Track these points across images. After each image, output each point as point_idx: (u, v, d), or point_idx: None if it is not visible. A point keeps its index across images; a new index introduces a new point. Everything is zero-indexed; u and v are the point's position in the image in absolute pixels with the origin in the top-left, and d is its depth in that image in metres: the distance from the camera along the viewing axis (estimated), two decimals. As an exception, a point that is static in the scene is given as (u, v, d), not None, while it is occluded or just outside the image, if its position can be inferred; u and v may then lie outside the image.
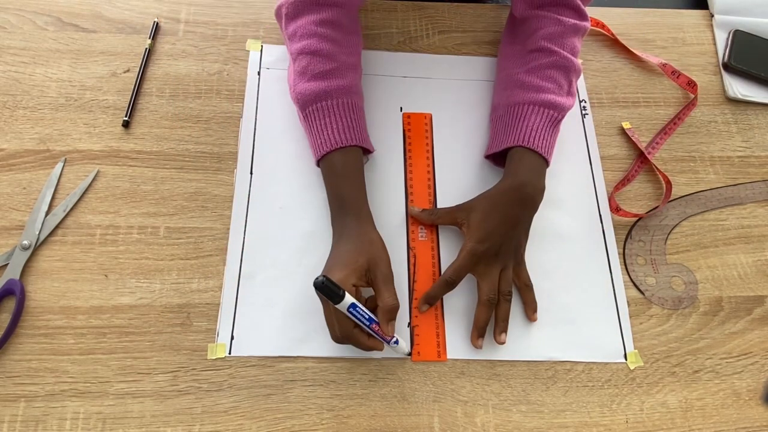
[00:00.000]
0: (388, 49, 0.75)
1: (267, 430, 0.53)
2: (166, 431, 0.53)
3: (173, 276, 0.59)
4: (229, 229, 0.62)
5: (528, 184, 0.61)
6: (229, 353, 0.56)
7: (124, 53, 0.70)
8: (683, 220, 0.68)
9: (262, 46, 0.73)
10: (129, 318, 0.57)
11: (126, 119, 0.66)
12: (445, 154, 0.68)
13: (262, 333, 0.57)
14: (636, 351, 0.60)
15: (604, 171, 0.70)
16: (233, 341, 0.57)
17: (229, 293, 0.59)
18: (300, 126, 0.67)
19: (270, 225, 0.62)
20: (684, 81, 0.75)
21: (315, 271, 0.60)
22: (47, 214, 0.61)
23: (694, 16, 0.83)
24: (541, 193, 0.62)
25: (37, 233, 0.59)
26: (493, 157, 0.66)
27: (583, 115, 0.73)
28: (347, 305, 0.51)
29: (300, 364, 0.56)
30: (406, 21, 0.77)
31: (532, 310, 0.60)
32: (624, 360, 0.59)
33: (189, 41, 0.72)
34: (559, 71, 0.65)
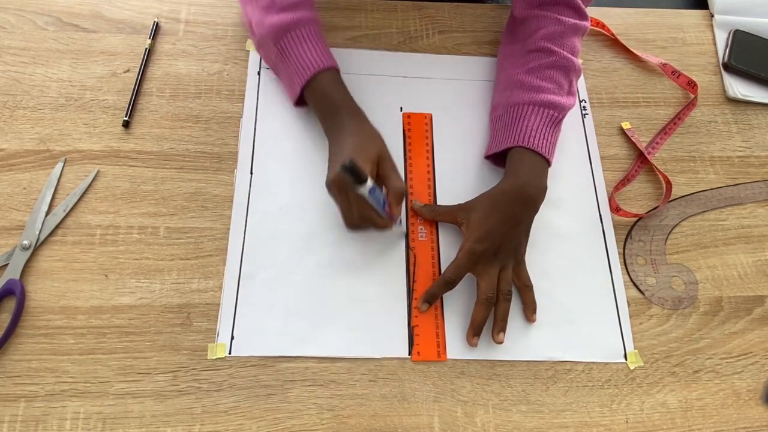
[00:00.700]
0: (388, 49, 0.75)
1: (267, 430, 0.53)
2: (166, 431, 0.53)
3: (173, 276, 0.59)
4: (229, 229, 0.62)
5: (528, 184, 0.61)
6: (229, 353, 0.56)
7: (124, 53, 0.70)
8: (683, 220, 0.68)
9: (262, 46, 0.73)
10: (129, 318, 0.57)
11: (126, 119, 0.66)
12: (445, 154, 0.68)
13: (262, 333, 0.57)
14: (636, 351, 0.60)
15: (604, 171, 0.70)
16: (233, 341, 0.57)
17: (229, 293, 0.59)
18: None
19: (270, 225, 0.62)
20: (684, 81, 0.75)
21: (315, 271, 0.60)
22: (47, 214, 0.61)
23: (694, 16, 0.83)
24: (543, 193, 0.62)
25: (37, 233, 0.59)
26: (493, 158, 0.66)
27: (583, 115, 0.73)
28: (369, 188, 0.55)
29: (300, 364, 0.56)
30: (406, 21, 0.77)
31: (531, 311, 0.60)
32: (624, 360, 0.59)
33: (189, 41, 0.72)
34: (559, 71, 0.65)
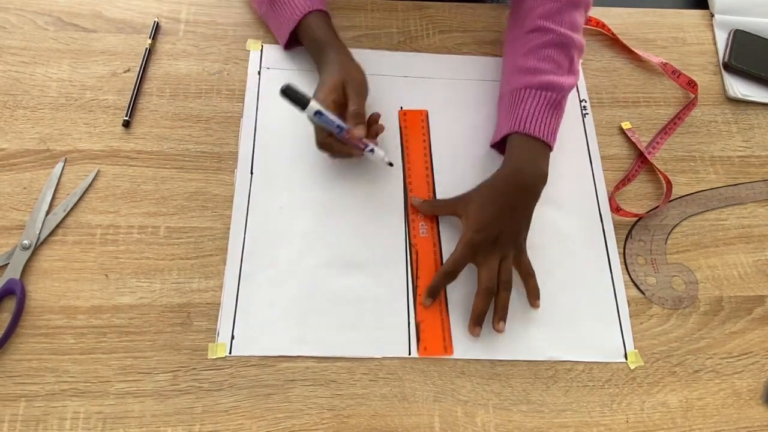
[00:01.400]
0: (388, 49, 0.75)
1: (267, 430, 0.53)
2: (166, 431, 0.53)
3: (173, 276, 0.59)
4: (229, 229, 0.62)
5: (525, 170, 0.60)
6: (230, 353, 0.56)
7: (124, 53, 0.70)
8: (683, 219, 0.68)
9: (262, 46, 0.73)
10: (129, 318, 0.57)
11: (126, 119, 0.66)
12: (445, 150, 0.68)
13: (262, 333, 0.57)
14: (636, 351, 0.60)
15: (604, 171, 0.70)
16: (233, 341, 0.57)
17: (230, 293, 0.59)
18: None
19: (270, 225, 0.62)
20: (684, 81, 0.75)
21: (315, 271, 0.60)
22: (47, 213, 0.61)
23: (694, 16, 0.83)
24: (542, 180, 0.61)
25: (38, 233, 0.59)
26: (498, 147, 0.66)
27: (583, 115, 0.73)
28: (312, 111, 0.57)
29: (300, 364, 0.56)
30: (406, 21, 0.77)
31: (534, 297, 0.60)
32: (624, 360, 0.59)
33: (189, 41, 0.72)
34: (557, 49, 0.64)
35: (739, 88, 0.76)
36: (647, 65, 0.78)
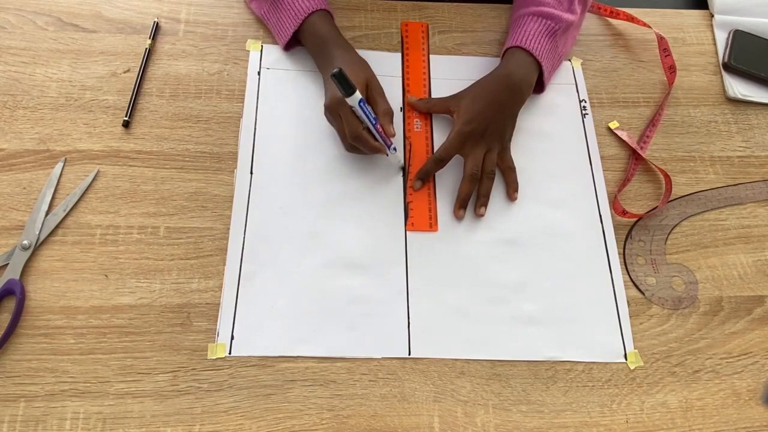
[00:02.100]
0: (388, 49, 0.75)
1: (267, 430, 0.53)
2: (166, 431, 0.53)
3: (173, 276, 0.59)
4: (229, 229, 0.62)
5: (515, 73, 0.67)
6: (229, 353, 0.56)
7: (124, 53, 0.70)
8: (683, 220, 0.68)
9: (262, 46, 0.73)
10: (129, 318, 0.57)
11: (126, 119, 0.66)
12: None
13: (262, 333, 0.57)
14: (636, 351, 0.60)
15: (604, 171, 0.70)
16: (233, 341, 0.57)
17: (229, 293, 0.59)
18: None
19: (270, 225, 0.62)
20: (668, 63, 0.76)
21: (315, 271, 0.60)
22: (47, 214, 0.61)
23: (694, 16, 0.83)
24: (528, 88, 0.68)
25: (37, 233, 0.59)
26: None
27: (583, 115, 0.73)
28: (358, 99, 0.58)
29: (300, 364, 0.56)
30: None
31: (513, 189, 0.66)
32: (624, 360, 0.59)
33: (189, 41, 0.72)
34: None
35: (739, 88, 0.76)
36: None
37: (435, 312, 0.60)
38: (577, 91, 0.75)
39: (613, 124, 0.73)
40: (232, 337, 0.57)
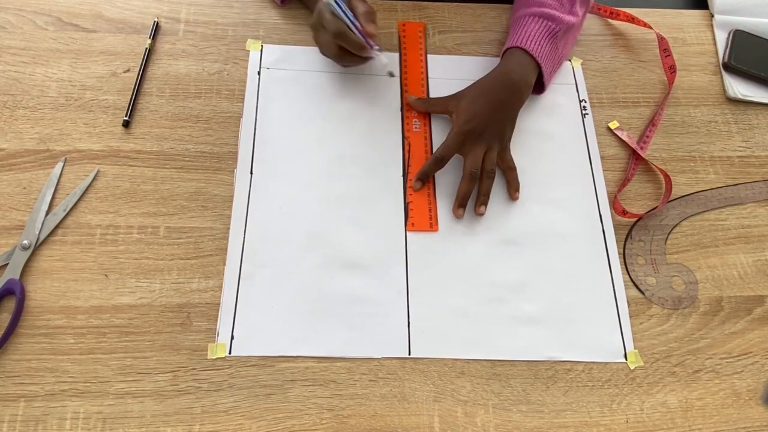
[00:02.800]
0: (388, 50, 0.75)
1: (267, 430, 0.53)
2: (166, 431, 0.53)
3: (173, 276, 0.59)
4: (229, 229, 0.62)
5: (514, 72, 0.67)
6: (229, 353, 0.56)
7: (124, 53, 0.70)
8: (683, 219, 0.68)
9: (262, 46, 0.73)
10: (129, 318, 0.57)
11: (126, 119, 0.66)
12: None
13: (262, 333, 0.57)
14: (636, 351, 0.60)
15: (604, 171, 0.70)
16: (233, 341, 0.57)
17: (229, 293, 0.59)
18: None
19: (270, 225, 0.62)
20: (668, 63, 0.76)
21: (315, 271, 0.60)
22: (47, 213, 0.61)
23: (694, 16, 0.83)
24: (528, 88, 0.68)
25: (37, 233, 0.59)
26: None
27: (583, 115, 0.73)
28: None
29: (300, 364, 0.56)
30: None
31: (514, 189, 0.66)
32: (624, 360, 0.59)
33: (189, 41, 0.72)
34: None
35: (739, 88, 0.76)
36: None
37: (435, 312, 0.60)
38: (577, 91, 0.75)
39: (613, 124, 0.73)
40: (232, 337, 0.57)
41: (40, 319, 0.56)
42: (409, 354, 0.58)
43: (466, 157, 0.65)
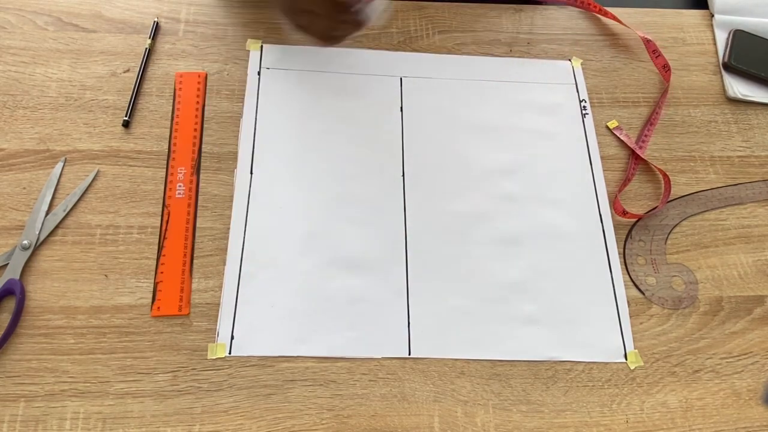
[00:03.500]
0: (388, 49, 0.75)
1: (267, 430, 0.53)
2: (166, 431, 0.53)
3: (173, 276, 0.59)
4: (229, 229, 0.62)
5: None
6: (229, 353, 0.56)
7: (124, 53, 0.70)
8: (683, 219, 0.68)
9: (262, 46, 0.73)
10: (129, 318, 0.57)
11: (126, 119, 0.66)
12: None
13: (262, 333, 0.57)
14: (636, 351, 0.60)
15: (604, 171, 0.70)
16: (233, 341, 0.57)
17: (229, 293, 0.59)
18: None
19: (270, 225, 0.62)
20: (661, 63, 0.76)
21: (315, 271, 0.60)
22: (47, 214, 0.61)
23: (694, 16, 0.83)
24: None
25: (37, 233, 0.59)
26: None
27: (583, 115, 0.73)
28: None
29: (300, 364, 0.56)
30: (406, 21, 0.77)
31: None
32: (624, 360, 0.59)
33: (189, 41, 0.72)
34: None
35: (739, 88, 0.76)
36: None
37: (435, 312, 0.60)
38: (577, 91, 0.75)
39: (612, 123, 0.73)
40: (232, 337, 0.57)
41: (40, 319, 0.56)
42: (409, 354, 0.58)
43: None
